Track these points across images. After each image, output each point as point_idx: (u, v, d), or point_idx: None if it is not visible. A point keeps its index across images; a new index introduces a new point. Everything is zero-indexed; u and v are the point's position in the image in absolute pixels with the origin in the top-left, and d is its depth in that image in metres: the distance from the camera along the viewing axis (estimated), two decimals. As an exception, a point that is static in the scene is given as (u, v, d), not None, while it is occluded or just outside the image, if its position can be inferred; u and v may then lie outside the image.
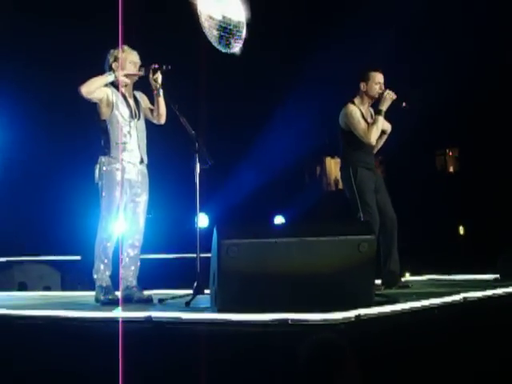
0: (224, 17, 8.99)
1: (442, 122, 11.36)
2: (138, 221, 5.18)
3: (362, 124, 5.65)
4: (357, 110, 5.69)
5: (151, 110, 5.27)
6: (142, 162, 5.17)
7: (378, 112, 5.66)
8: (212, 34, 8.06)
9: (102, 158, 5.08)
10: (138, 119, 5.18)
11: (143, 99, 5.30)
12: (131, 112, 5.14)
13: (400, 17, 9.82)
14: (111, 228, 5.05)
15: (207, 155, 5.06)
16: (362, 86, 5.72)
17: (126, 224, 5.17)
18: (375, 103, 5.76)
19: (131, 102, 5.19)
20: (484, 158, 11.60)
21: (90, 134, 5.22)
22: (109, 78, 5.07)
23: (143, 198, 5.19)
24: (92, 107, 5.10)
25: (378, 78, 5.72)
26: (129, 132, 5.10)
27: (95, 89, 5.02)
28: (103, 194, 5.07)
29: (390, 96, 5.62)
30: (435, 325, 3.73)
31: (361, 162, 5.69)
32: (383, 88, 5.68)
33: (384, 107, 5.63)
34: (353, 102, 5.73)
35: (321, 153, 13.41)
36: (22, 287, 7.29)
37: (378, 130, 5.65)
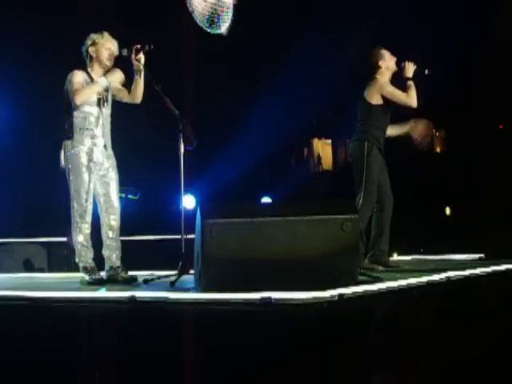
0: (216, -1, 8.94)
1: (429, 102, 11.36)
2: (112, 201, 5.16)
3: (398, 91, 5.79)
4: (388, 82, 5.82)
5: (127, 90, 5.24)
6: (105, 147, 5.16)
7: (407, 79, 5.79)
8: (204, 16, 8.01)
9: (67, 142, 5.08)
10: (105, 106, 5.16)
11: (113, 83, 5.27)
12: (99, 99, 5.12)
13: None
14: (84, 210, 5.04)
15: (192, 135, 5.04)
16: (381, 63, 5.83)
17: (100, 205, 5.16)
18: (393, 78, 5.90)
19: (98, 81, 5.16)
20: (471, 138, 11.63)
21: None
22: (102, 84, 5.08)
23: (113, 178, 5.18)
24: (60, 90, 5.09)
25: (389, 53, 5.89)
26: (96, 118, 5.10)
27: (89, 98, 5.03)
28: (71, 177, 5.06)
29: (411, 65, 5.82)
30: (418, 304, 3.75)
31: (377, 140, 5.77)
32: (394, 59, 5.87)
33: (410, 74, 5.80)
34: (377, 79, 5.82)
35: (308, 134, 13.44)
36: (9, 266, 7.29)
37: (415, 93, 5.78)
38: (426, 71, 5.86)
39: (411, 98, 5.76)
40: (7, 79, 7.86)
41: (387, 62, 5.84)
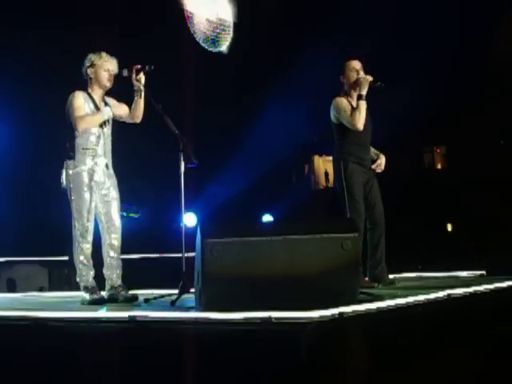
0: (219, 18, 9.03)
1: (430, 119, 11.39)
2: (113, 220, 5.18)
3: (348, 112, 5.64)
4: (343, 101, 5.70)
5: (128, 109, 5.26)
6: (106, 167, 5.18)
7: (358, 98, 5.63)
8: (207, 36, 8.08)
9: (68, 161, 5.11)
10: (106, 125, 5.19)
11: (112, 103, 5.31)
12: None
13: (386, 15, 9.86)
14: (85, 230, 5.06)
15: (192, 154, 5.06)
16: (342, 78, 5.76)
17: (102, 225, 5.18)
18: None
19: (101, 108, 5.19)
20: (471, 154, 11.64)
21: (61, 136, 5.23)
22: (105, 116, 5.13)
23: (114, 197, 5.21)
24: (62, 109, 5.13)
25: (353, 64, 5.74)
26: (96, 138, 5.13)
27: (91, 127, 5.07)
28: (72, 197, 5.09)
29: (365, 79, 5.63)
30: (419, 322, 3.74)
31: (352, 155, 5.69)
32: (361, 73, 5.69)
33: (363, 91, 5.61)
34: (339, 95, 5.76)
35: (309, 151, 13.47)
36: (10, 286, 7.27)
37: (361, 115, 5.59)
38: (378, 83, 5.66)
39: (355, 120, 5.57)
40: (9, 97, 7.89)
41: (347, 76, 5.71)
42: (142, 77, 5.10)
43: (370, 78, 5.62)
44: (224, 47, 9.50)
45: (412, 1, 9.93)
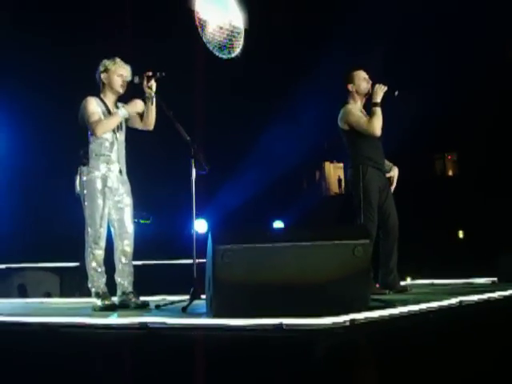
0: (232, 25, 9.07)
1: (441, 125, 11.38)
2: (126, 226, 5.19)
3: (364, 118, 5.71)
4: (355, 108, 5.75)
5: (140, 117, 5.27)
6: (120, 173, 5.20)
7: (374, 105, 5.68)
8: (221, 43, 8.11)
9: (82, 168, 5.12)
10: (120, 132, 5.20)
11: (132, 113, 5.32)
12: None
13: (401, 20, 9.87)
14: (98, 236, 5.06)
15: (204, 161, 5.07)
16: (350, 87, 5.80)
17: (114, 231, 5.18)
18: (368, 101, 5.80)
19: (115, 110, 5.20)
20: (483, 161, 11.61)
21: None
22: (122, 116, 5.13)
23: (127, 203, 5.21)
24: (76, 115, 5.15)
25: (363, 74, 5.81)
26: (110, 144, 5.13)
27: (110, 129, 5.08)
28: (86, 203, 5.09)
29: (381, 88, 5.67)
30: (431, 329, 3.73)
31: (370, 160, 5.71)
32: (370, 82, 5.76)
33: (379, 99, 5.67)
34: (348, 103, 5.79)
35: (320, 158, 13.47)
36: (22, 292, 7.30)
37: (379, 121, 5.66)
38: (396, 92, 5.69)
39: (373, 127, 5.63)
40: (22, 104, 7.93)
41: (358, 86, 5.77)
42: (153, 83, 5.11)
43: (385, 88, 5.68)
44: (236, 54, 9.53)
45: (424, 7, 9.92)
